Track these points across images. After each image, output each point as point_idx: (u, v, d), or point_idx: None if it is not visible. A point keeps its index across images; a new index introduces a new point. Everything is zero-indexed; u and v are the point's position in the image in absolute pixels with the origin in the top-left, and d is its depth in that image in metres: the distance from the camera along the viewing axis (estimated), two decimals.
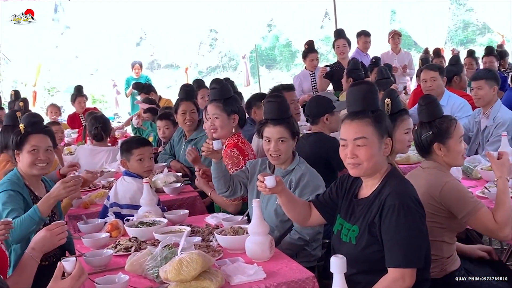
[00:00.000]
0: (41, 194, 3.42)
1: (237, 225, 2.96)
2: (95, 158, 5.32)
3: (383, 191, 2.41)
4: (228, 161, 3.88)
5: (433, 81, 5.52)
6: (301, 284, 2.39)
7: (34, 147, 3.37)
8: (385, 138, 2.45)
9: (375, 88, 2.59)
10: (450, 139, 2.89)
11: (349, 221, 2.52)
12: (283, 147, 3.32)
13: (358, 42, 8.84)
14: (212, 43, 22.65)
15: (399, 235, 2.29)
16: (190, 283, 2.27)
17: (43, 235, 2.46)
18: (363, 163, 2.42)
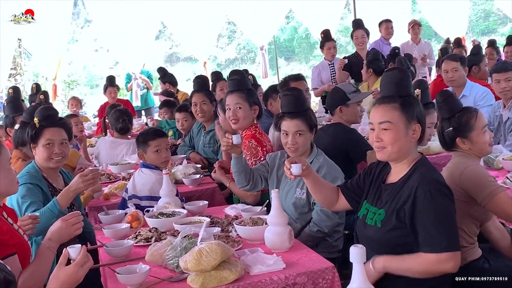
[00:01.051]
0: (59, 186, 3.46)
1: (256, 215, 2.97)
2: (115, 150, 5.37)
3: (412, 177, 2.42)
4: (246, 152, 3.88)
5: (455, 71, 5.46)
6: (321, 274, 2.39)
7: (49, 141, 3.41)
8: (413, 124, 2.44)
9: (407, 74, 2.58)
10: (472, 132, 2.87)
11: (375, 206, 2.53)
12: (301, 140, 3.32)
13: (380, 30, 8.79)
14: (230, 36, 22.65)
15: (440, 219, 2.30)
16: (210, 273, 2.28)
17: (59, 225, 2.47)
18: (387, 146, 2.45)
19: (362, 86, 6.85)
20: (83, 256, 2.07)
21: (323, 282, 2.38)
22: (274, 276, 2.34)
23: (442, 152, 4.52)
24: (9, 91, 7.12)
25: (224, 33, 21.83)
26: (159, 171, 3.73)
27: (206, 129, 5.18)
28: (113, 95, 8.54)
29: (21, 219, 2.79)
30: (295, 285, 2.35)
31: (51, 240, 2.44)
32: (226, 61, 22.28)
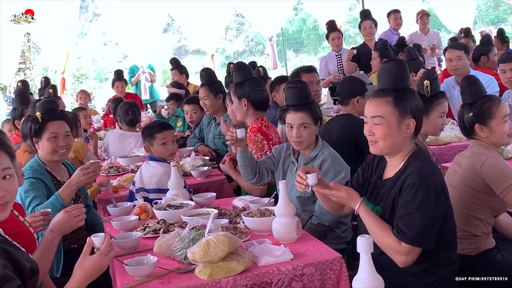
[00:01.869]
0: (63, 179, 3.47)
1: (264, 207, 2.97)
2: (124, 143, 5.40)
3: (406, 171, 2.38)
4: (252, 145, 3.87)
5: (459, 60, 5.43)
6: (328, 265, 2.38)
7: (53, 134, 3.41)
8: (407, 119, 2.39)
9: (404, 66, 2.53)
10: (491, 120, 2.86)
11: (373, 202, 2.51)
12: (305, 133, 3.29)
13: (389, 21, 8.73)
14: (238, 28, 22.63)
15: (413, 214, 2.27)
16: (218, 264, 2.28)
17: (61, 217, 2.48)
18: (379, 141, 2.43)
19: (371, 77, 6.82)
20: (107, 245, 2.09)
21: (330, 272, 2.38)
22: (281, 267, 2.34)
23: (451, 143, 4.51)
24: (17, 84, 7.15)
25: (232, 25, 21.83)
26: (166, 163, 3.74)
27: (216, 121, 5.18)
28: (121, 89, 8.56)
29: (33, 215, 2.82)
30: (302, 276, 2.35)
31: (53, 231, 2.44)
32: (234, 53, 22.27)
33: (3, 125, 5.52)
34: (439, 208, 2.31)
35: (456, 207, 2.83)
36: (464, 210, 2.85)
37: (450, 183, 2.92)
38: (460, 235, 2.83)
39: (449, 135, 4.52)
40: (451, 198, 2.84)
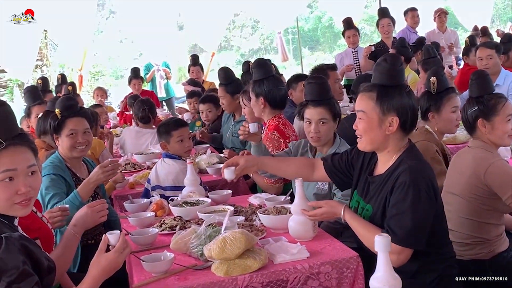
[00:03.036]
0: (83, 176, 3.49)
1: (280, 204, 2.96)
2: (140, 140, 5.42)
3: (398, 169, 2.34)
4: (268, 143, 3.87)
5: (489, 59, 5.40)
6: (345, 263, 2.37)
7: (72, 131, 3.44)
8: (389, 116, 2.35)
9: (395, 63, 2.44)
10: (495, 117, 2.82)
11: (364, 199, 2.49)
12: (324, 129, 3.29)
13: (406, 19, 8.67)
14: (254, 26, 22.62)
15: (404, 214, 2.24)
16: (234, 261, 2.28)
17: (84, 212, 2.50)
18: (362, 136, 2.42)
19: None
20: (122, 242, 2.11)
21: (347, 271, 2.37)
22: (298, 265, 2.33)
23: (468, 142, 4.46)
24: (38, 82, 7.20)
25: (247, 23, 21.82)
26: (182, 161, 3.75)
27: (236, 119, 5.18)
28: (138, 87, 8.59)
29: (51, 211, 2.84)
30: (319, 274, 2.34)
31: (76, 226, 2.46)
32: (249, 51, 22.27)
33: (21, 122, 5.56)
34: (430, 207, 2.29)
35: (464, 215, 2.81)
36: (474, 218, 2.81)
37: (453, 192, 2.89)
38: (472, 241, 2.81)
39: (466, 134, 4.46)
40: (456, 207, 2.83)
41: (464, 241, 2.84)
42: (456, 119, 3.38)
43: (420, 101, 3.45)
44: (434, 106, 3.35)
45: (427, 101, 3.38)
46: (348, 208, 2.46)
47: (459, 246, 2.85)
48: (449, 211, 2.91)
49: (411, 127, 2.42)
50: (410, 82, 6.22)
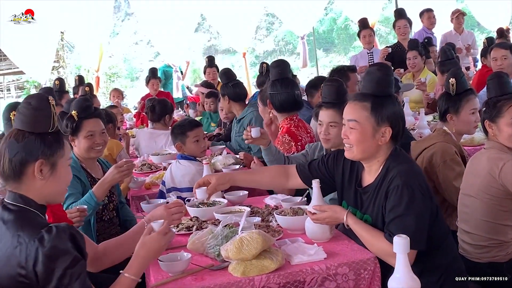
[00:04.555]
0: (98, 176, 3.51)
1: (297, 206, 2.96)
2: (154, 141, 5.43)
3: (388, 174, 2.36)
4: (280, 147, 3.85)
5: (504, 59, 5.36)
6: (363, 265, 2.36)
7: (90, 132, 3.47)
8: (383, 126, 2.36)
9: (387, 72, 2.46)
10: (500, 118, 2.80)
11: (360, 211, 2.50)
12: (334, 132, 3.23)
13: (422, 21, 8.62)
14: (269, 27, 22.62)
15: (402, 216, 2.26)
16: (251, 262, 2.28)
17: (160, 212, 2.54)
18: (353, 146, 2.42)
19: (406, 75, 6.74)
20: (166, 227, 2.21)
21: (365, 273, 2.36)
22: (315, 266, 2.32)
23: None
24: (55, 83, 7.25)
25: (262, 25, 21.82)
26: (198, 162, 3.75)
27: (236, 119, 5.21)
28: (156, 87, 8.60)
29: (69, 211, 2.87)
30: (336, 275, 2.33)
31: (150, 221, 2.50)
32: (264, 53, 22.27)
33: None
34: (426, 206, 2.30)
35: (480, 217, 2.79)
36: (489, 219, 2.79)
37: (469, 194, 2.87)
38: (488, 243, 2.79)
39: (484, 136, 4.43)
40: (472, 209, 2.82)
41: (481, 243, 2.82)
42: (475, 120, 3.35)
43: (439, 103, 3.43)
44: (453, 107, 3.32)
45: (446, 102, 3.35)
46: (351, 214, 2.47)
47: (476, 248, 2.83)
48: (466, 213, 2.89)
49: (401, 136, 2.44)
50: (428, 83, 6.18)
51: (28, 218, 1.92)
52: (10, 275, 1.83)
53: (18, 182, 1.95)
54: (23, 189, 1.96)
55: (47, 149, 1.96)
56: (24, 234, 1.85)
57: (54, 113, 2.00)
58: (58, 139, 2.01)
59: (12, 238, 1.86)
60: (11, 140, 1.94)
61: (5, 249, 1.86)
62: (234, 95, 5.23)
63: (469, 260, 2.84)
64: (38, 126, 1.96)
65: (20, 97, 16.75)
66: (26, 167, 1.94)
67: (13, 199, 1.95)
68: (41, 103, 1.99)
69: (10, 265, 1.84)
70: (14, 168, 1.93)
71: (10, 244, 1.85)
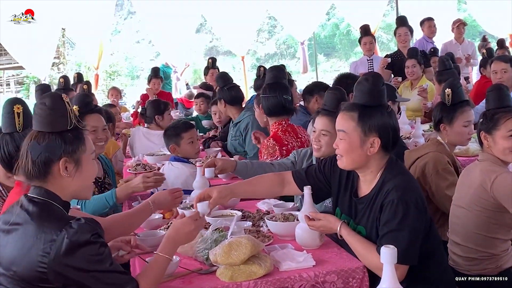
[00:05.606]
0: (98, 174, 3.49)
1: (288, 211, 2.95)
2: (148, 141, 5.42)
3: (384, 187, 2.34)
4: (264, 151, 3.85)
5: (504, 73, 5.36)
6: (351, 273, 2.35)
7: (94, 128, 3.46)
8: (371, 137, 2.35)
9: (377, 83, 2.43)
10: (496, 131, 2.78)
11: (354, 220, 2.49)
12: (324, 141, 3.17)
13: (423, 29, 8.61)
14: (270, 31, 22.65)
15: (396, 231, 2.25)
16: (239, 267, 2.27)
17: (164, 194, 2.76)
18: (343, 156, 2.42)
19: (404, 84, 6.74)
20: (196, 214, 2.33)
21: (353, 281, 2.35)
22: (303, 273, 2.32)
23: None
24: (60, 81, 7.25)
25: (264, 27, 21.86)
26: (191, 164, 3.74)
27: (233, 122, 5.20)
28: (157, 86, 8.60)
29: (146, 175, 3.20)
30: (324, 283, 2.32)
31: (154, 203, 2.68)
32: (265, 55, 22.30)
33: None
34: (420, 222, 2.29)
35: (471, 229, 2.79)
36: (480, 232, 2.78)
37: (460, 205, 2.86)
38: (478, 256, 2.78)
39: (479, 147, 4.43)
40: (463, 220, 2.81)
41: (471, 255, 2.81)
42: (468, 133, 3.35)
43: (434, 112, 3.43)
44: (446, 117, 3.32)
45: (440, 112, 3.35)
46: (345, 225, 2.45)
47: (466, 260, 2.83)
48: (457, 225, 2.89)
49: (393, 147, 2.42)
50: (428, 90, 6.16)
51: (53, 211, 1.97)
52: (32, 264, 1.86)
53: (43, 180, 2.00)
54: (49, 186, 2.01)
55: (69, 146, 2.00)
56: (50, 225, 1.90)
57: (70, 110, 2.03)
58: (78, 135, 2.04)
59: (37, 228, 1.90)
60: (33, 143, 1.98)
61: (28, 240, 1.90)
62: (230, 99, 5.21)
63: (459, 272, 2.83)
64: (56, 125, 1.99)
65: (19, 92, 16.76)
66: (50, 167, 1.98)
67: (38, 194, 1.99)
68: (55, 102, 2.01)
69: (32, 255, 1.87)
70: (38, 168, 1.97)
71: (33, 234, 1.89)
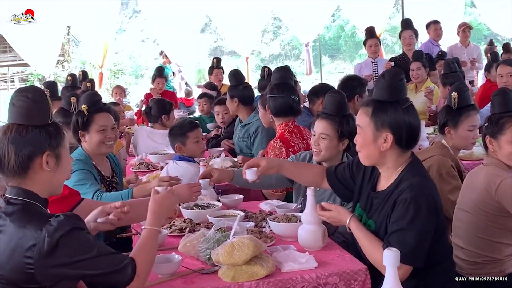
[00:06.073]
0: (106, 173, 3.49)
1: (291, 212, 2.95)
2: (151, 140, 5.42)
3: (400, 185, 2.33)
4: (270, 152, 3.84)
5: (510, 76, 5.40)
6: (353, 275, 2.35)
7: (103, 127, 3.43)
8: (383, 132, 2.34)
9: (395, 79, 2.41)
10: (501, 135, 2.77)
11: (367, 214, 2.49)
12: (324, 144, 3.18)
13: (429, 32, 8.61)
14: (275, 31, 22.64)
15: (404, 231, 2.24)
16: (241, 267, 2.27)
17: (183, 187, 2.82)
18: (360, 151, 2.45)
19: (409, 87, 6.73)
20: (171, 189, 2.37)
21: (355, 283, 2.34)
22: (305, 275, 2.31)
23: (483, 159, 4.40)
24: (67, 79, 7.25)
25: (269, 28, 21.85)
26: (197, 163, 3.74)
27: (242, 123, 5.19)
28: (161, 86, 8.61)
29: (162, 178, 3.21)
30: (326, 285, 2.31)
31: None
32: (270, 56, 22.30)
33: None
34: (430, 224, 2.27)
35: (475, 233, 2.78)
36: (484, 236, 2.77)
37: (464, 209, 2.85)
38: (482, 260, 2.77)
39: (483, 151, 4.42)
40: (467, 224, 2.80)
41: (474, 259, 2.80)
42: (473, 137, 3.34)
43: (439, 115, 3.42)
44: (451, 121, 3.31)
45: (446, 115, 3.34)
46: (355, 218, 2.45)
47: (469, 264, 2.82)
48: (461, 228, 2.88)
49: (409, 144, 2.39)
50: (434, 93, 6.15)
51: (33, 211, 1.93)
52: (18, 266, 1.84)
53: (23, 177, 1.96)
54: (28, 183, 1.97)
55: (53, 140, 1.98)
56: (30, 225, 1.86)
57: (50, 104, 2.03)
58: (58, 130, 2.03)
59: (18, 230, 1.86)
60: (15, 135, 1.93)
61: (9, 242, 1.86)
62: (243, 98, 5.14)
63: (462, 275, 2.82)
64: (39, 119, 1.97)
65: None
66: (33, 161, 1.95)
67: (16, 194, 1.95)
68: (38, 96, 2.00)
69: (16, 257, 1.84)
70: (21, 162, 1.93)
71: (14, 236, 1.86)
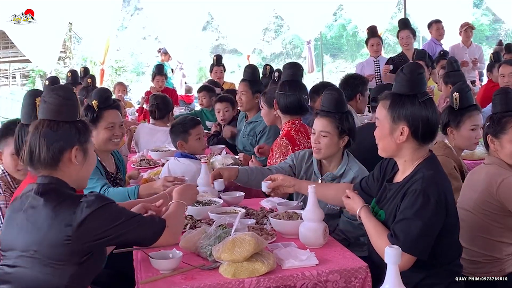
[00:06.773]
0: (111, 169, 3.49)
1: (292, 210, 2.95)
2: (153, 137, 5.42)
3: (413, 178, 2.34)
4: (276, 149, 3.84)
5: (511, 76, 5.36)
6: (354, 273, 2.35)
7: (111, 124, 3.43)
8: (400, 125, 2.35)
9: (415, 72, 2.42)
10: (503, 135, 2.78)
11: (379, 205, 2.49)
12: (324, 142, 3.18)
13: (431, 32, 8.62)
14: (277, 30, 22.63)
15: (409, 220, 2.24)
16: (242, 264, 2.27)
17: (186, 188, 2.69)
18: (378, 144, 2.46)
19: None
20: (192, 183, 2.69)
21: (355, 281, 2.35)
22: (306, 272, 2.32)
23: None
24: (67, 75, 7.25)
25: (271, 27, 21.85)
26: (198, 160, 3.74)
27: (248, 119, 5.17)
28: (161, 84, 8.61)
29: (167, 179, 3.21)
30: (327, 282, 2.32)
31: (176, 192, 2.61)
32: (271, 55, 22.29)
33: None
34: (438, 218, 2.26)
35: (475, 232, 2.78)
36: (485, 235, 2.78)
37: (465, 208, 2.86)
38: (483, 259, 2.78)
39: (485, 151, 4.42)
40: (468, 223, 2.80)
41: (475, 258, 2.81)
42: (475, 137, 3.34)
43: (442, 115, 3.42)
44: (453, 121, 3.31)
45: (448, 115, 3.34)
46: (366, 208, 2.47)
47: (470, 263, 2.82)
48: (461, 227, 2.87)
49: (426, 138, 2.39)
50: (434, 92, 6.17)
51: (66, 192, 2.10)
52: (57, 240, 1.99)
53: (54, 169, 2.12)
54: (59, 174, 2.12)
55: (82, 136, 2.16)
56: (66, 202, 2.03)
57: (79, 102, 2.19)
58: (86, 126, 2.22)
59: (53, 210, 2.01)
60: (46, 130, 2.10)
61: (44, 222, 2.00)
62: (257, 93, 5.14)
63: (463, 275, 2.82)
64: (69, 115, 2.14)
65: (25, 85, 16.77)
66: (63, 154, 2.11)
67: (49, 180, 2.11)
68: (69, 94, 2.17)
69: (53, 233, 1.99)
70: (52, 155, 2.09)
71: (50, 216, 2.00)
